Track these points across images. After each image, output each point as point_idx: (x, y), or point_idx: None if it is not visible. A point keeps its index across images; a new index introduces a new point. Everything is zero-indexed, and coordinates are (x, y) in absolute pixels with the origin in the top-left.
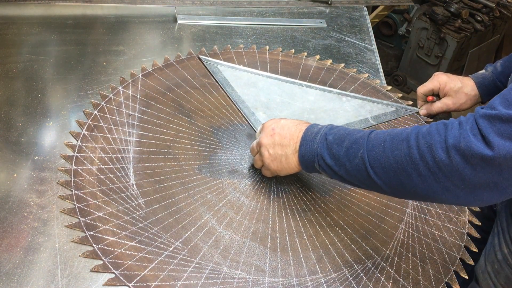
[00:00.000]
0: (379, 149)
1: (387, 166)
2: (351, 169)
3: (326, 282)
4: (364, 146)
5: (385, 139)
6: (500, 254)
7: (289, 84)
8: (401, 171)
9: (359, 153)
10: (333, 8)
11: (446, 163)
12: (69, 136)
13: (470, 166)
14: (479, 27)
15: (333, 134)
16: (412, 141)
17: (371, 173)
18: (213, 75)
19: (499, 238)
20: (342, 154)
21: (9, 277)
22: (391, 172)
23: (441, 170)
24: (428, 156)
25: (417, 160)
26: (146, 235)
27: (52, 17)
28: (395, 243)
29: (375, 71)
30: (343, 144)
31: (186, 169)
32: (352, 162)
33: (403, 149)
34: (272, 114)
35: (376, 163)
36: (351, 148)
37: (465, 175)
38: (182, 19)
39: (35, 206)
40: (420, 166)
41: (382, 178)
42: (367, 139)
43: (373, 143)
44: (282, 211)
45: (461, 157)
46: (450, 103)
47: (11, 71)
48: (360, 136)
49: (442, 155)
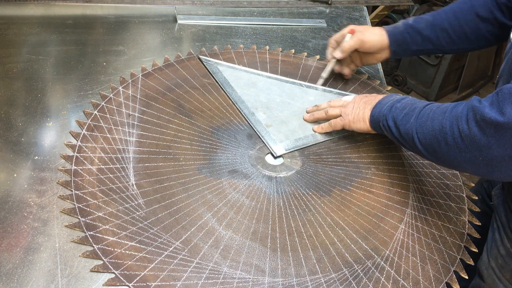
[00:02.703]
0: (425, 118)
1: (427, 133)
2: (403, 132)
3: (326, 282)
4: (416, 113)
5: (432, 110)
6: (503, 249)
7: (289, 84)
8: (435, 140)
9: (411, 119)
10: (333, 8)
11: (466, 133)
12: (69, 136)
13: (485, 136)
14: None
15: (402, 102)
16: (447, 113)
17: (415, 138)
18: (213, 75)
19: (500, 233)
20: (400, 118)
21: (9, 277)
22: (428, 139)
23: (463, 141)
24: (455, 127)
25: (447, 130)
26: (146, 235)
27: (52, 17)
28: (395, 243)
29: (375, 71)
30: (404, 111)
31: (186, 169)
32: (405, 126)
33: (440, 120)
34: (272, 114)
35: (420, 130)
36: (408, 114)
37: (481, 145)
38: (182, 19)
39: (35, 206)
40: (448, 136)
41: (423, 143)
42: (422, 109)
43: (423, 112)
44: (282, 211)
45: (478, 128)
46: (362, 37)
47: (11, 71)
48: (417, 106)
49: (464, 126)
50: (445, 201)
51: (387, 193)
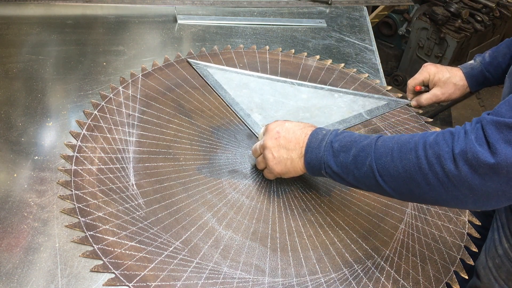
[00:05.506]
0: (387, 158)
1: (396, 175)
2: (359, 177)
3: (326, 282)
4: (372, 154)
5: (392, 147)
6: (500, 249)
7: (280, 83)
8: (411, 180)
9: (367, 161)
10: (333, 8)
11: (454, 173)
12: (69, 136)
13: (478, 176)
14: (479, 27)
15: (339, 141)
16: (420, 151)
17: (380, 181)
18: (204, 78)
19: (499, 233)
20: (350, 162)
21: (9, 277)
22: (400, 180)
23: (450, 180)
24: (437, 167)
25: (426, 170)
26: (146, 235)
27: (52, 17)
28: (395, 243)
29: (375, 71)
30: (350, 152)
31: (186, 169)
32: (360, 170)
33: (412, 159)
34: (268, 115)
35: (385, 171)
36: (359, 156)
37: (473, 185)
38: (182, 19)
39: (35, 206)
40: (430, 176)
41: (392, 186)
42: (374, 146)
43: (381, 151)
44: (282, 211)
45: (469, 167)
46: (439, 94)
47: (11, 71)
48: (367, 144)
49: (451, 166)
50: None
51: None
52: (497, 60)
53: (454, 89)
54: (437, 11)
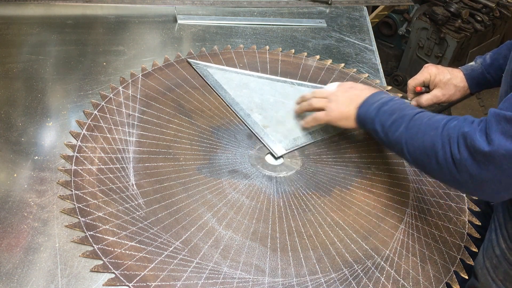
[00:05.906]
0: (415, 130)
1: (417, 146)
2: (391, 139)
3: (326, 282)
4: (406, 122)
5: (423, 122)
6: (498, 249)
7: (280, 83)
8: (425, 155)
9: (400, 128)
10: (333, 8)
11: (457, 157)
12: (69, 136)
13: (476, 163)
14: (479, 27)
15: (389, 105)
16: (439, 129)
17: (404, 148)
18: (204, 78)
19: (497, 234)
20: (388, 125)
21: (9, 277)
22: (418, 152)
23: (454, 163)
24: (447, 148)
25: (438, 148)
26: (146, 235)
27: (52, 17)
28: (395, 243)
29: (375, 71)
30: (392, 117)
31: (186, 169)
32: (393, 134)
33: (432, 135)
34: (268, 115)
35: (410, 142)
36: (396, 121)
37: (471, 171)
38: (182, 19)
39: (35, 206)
40: (439, 155)
41: (411, 155)
42: (411, 118)
43: (414, 123)
44: (282, 211)
45: (468, 153)
46: (440, 95)
47: (11, 71)
48: (407, 114)
49: (455, 151)
50: (445, 201)
51: (387, 193)
52: (498, 62)
53: (454, 91)
54: (437, 11)
